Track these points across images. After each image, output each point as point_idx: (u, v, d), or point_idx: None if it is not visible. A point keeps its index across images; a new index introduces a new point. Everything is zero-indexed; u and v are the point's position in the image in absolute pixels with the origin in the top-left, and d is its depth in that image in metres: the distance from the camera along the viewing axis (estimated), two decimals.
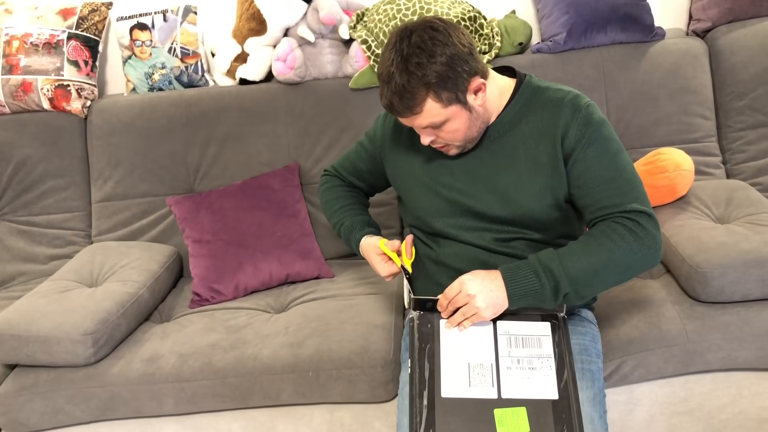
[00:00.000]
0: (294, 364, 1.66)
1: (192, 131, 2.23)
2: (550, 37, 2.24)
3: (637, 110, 2.17)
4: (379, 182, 1.69)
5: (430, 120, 1.32)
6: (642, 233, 1.29)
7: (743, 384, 1.68)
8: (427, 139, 1.38)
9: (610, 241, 1.29)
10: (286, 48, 2.19)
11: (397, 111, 1.33)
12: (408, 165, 1.51)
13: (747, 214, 1.82)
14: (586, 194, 1.35)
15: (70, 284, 1.91)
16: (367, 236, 1.59)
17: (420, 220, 1.52)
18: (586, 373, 1.39)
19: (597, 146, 1.34)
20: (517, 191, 1.39)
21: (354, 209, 1.67)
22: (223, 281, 2.00)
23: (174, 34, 2.29)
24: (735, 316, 1.63)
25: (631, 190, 1.33)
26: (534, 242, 1.43)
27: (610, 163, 1.34)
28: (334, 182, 1.74)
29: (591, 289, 1.32)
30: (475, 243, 1.45)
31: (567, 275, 1.29)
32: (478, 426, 1.22)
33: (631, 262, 1.30)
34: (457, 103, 1.31)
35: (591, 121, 1.35)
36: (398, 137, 1.54)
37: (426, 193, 1.48)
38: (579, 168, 1.35)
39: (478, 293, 1.30)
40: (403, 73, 1.27)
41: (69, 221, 2.27)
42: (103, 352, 1.73)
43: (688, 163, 1.94)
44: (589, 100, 1.38)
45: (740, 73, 2.17)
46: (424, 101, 1.29)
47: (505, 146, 1.41)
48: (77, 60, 2.28)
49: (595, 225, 1.34)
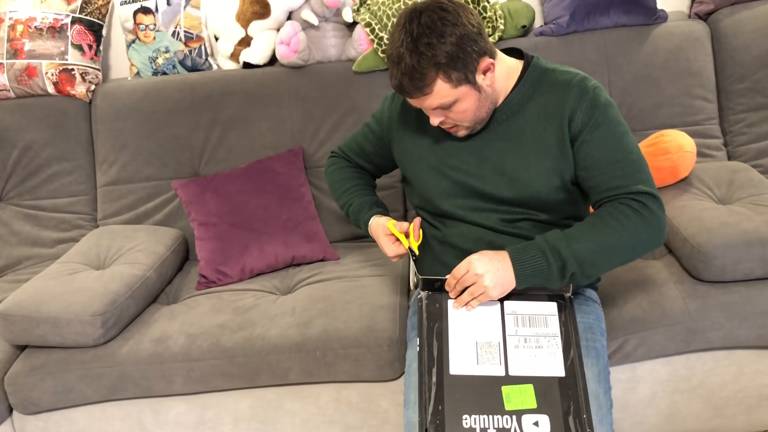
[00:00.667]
0: (301, 343, 1.68)
1: (196, 115, 2.24)
2: (553, 19, 2.25)
3: (640, 93, 2.19)
4: (386, 164, 1.70)
5: (440, 101, 1.33)
6: (647, 214, 1.30)
7: (744, 362, 1.70)
8: (436, 120, 1.39)
9: (617, 222, 1.30)
10: (290, 31, 2.20)
11: (407, 92, 1.33)
12: (415, 146, 1.53)
13: (748, 195, 1.84)
14: (593, 176, 1.36)
15: (78, 267, 1.93)
16: (375, 216, 1.60)
17: (427, 201, 1.53)
18: (591, 350, 1.41)
19: (604, 128, 1.35)
20: (525, 173, 1.41)
21: (362, 190, 1.68)
22: (229, 264, 2.01)
23: (178, 18, 2.30)
24: (736, 295, 1.65)
25: (636, 171, 1.34)
26: (540, 223, 1.45)
27: (616, 145, 1.35)
28: (342, 164, 1.75)
29: (597, 269, 1.34)
30: (482, 223, 1.47)
31: (574, 255, 1.31)
32: (486, 402, 1.24)
33: (636, 242, 1.32)
34: (467, 83, 1.32)
35: (598, 104, 1.36)
36: (406, 118, 1.55)
37: (433, 174, 1.49)
38: (586, 150, 1.36)
39: (486, 273, 1.32)
40: (413, 53, 1.27)
41: (75, 205, 2.29)
42: (112, 333, 1.75)
43: (690, 145, 1.95)
44: (596, 83, 1.39)
45: (742, 56, 2.18)
46: (434, 82, 1.30)
47: (513, 128, 1.43)
48: (81, 44, 2.28)
49: (601, 206, 1.36)
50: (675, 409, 1.75)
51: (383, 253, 1.57)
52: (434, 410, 1.24)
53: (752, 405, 1.76)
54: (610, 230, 1.31)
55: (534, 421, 1.21)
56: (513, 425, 1.21)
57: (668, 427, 1.79)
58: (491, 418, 1.22)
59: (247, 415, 1.77)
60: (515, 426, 1.21)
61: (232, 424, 1.78)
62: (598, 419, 1.30)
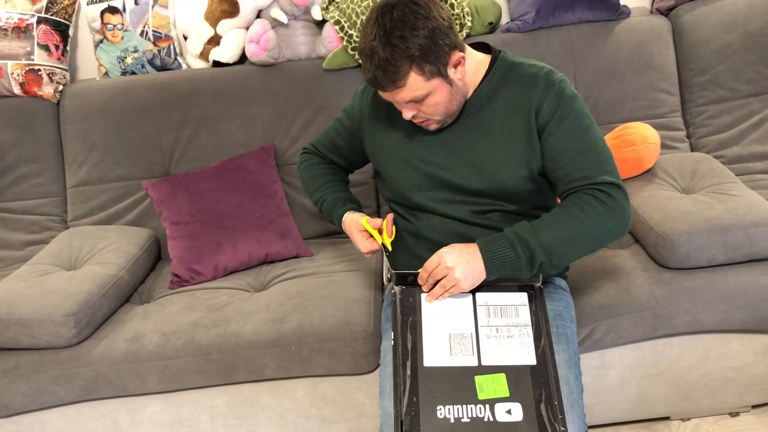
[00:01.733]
0: (276, 339, 1.69)
1: (166, 114, 2.23)
2: (519, 16, 2.29)
3: (605, 87, 2.23)
4: (357, 158, 1.71)
5: (413, 94, 1.35)
6: (612, 204, 1.34)
7: (709, 346, 1.75)
8: (408, 114, 1.41)
9: (582, 212, 1.34)
10: (259, 29, 2.20)
11: (381, 85, 1.34)
12: (386, 140, 1.54)
13: (711, 184, 1.89)
14: (559, 167, 1.39)
15: (49, 268, 1.91)
16: (349, 212, 1.62)
17: (398, 194, 1.55)
18: (561, 336, 1.44)
19: (569, 120, 1.39)
20: (494, 164, 1.43)
21: (335, 186, 1.70)
22: (202, 262, 2.01)
23: (146, 17, 2.29)
24: (701, 280, 1.70)
25: (601, 162, 1.38)
26: (509, 213, 1.48)
27: (582, 136, 1.39)
28: (314, 160, 1.76)
29: (565, 258, 1.37)
30: (453, 215, 1.49)
31: (541, 245, 1.34)
32: (459, 392, 1.26)
33: (602, 231, 1.35)
34: (439, 76, 1.34)
35: (563, 96, 1.39)
36: (376, 113, 1.57)
37: (404, 167, 1.51)
38: (552, 141, 1.39)
39: (457, 265, 1.35)
40: (386, 46, 1.29)
41: (44, 207, 2.26)
42: (85, 333, 1.74)
43: (654, 137, 2.00)
44: (561, 76, 1.43)
45: (702, 50, 2.24)
46: (407, 74, 1.32)
47: (482, 120, 1.45)
48: (48, 44, 2.26)
49: (567, 197, 1.39)
50: (644, 394, 1.80)
51: (356, 249, 1.59)
52: (409, 402, 1.25)
53: (717, 388, 1.81)
54: (577, 221, 1.34)
55: (507, 410, 1.24)
56: (486, 414, 1.23)
57: (638, 412, 1.84)
58: (465, 408, 1.24)
59: (224, 411, 1.77)
60: (488, 414, 1.23)
61: (208, 422, 1.78)
62: (569, 404, 1.33)
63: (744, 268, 1.71)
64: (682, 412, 1.87)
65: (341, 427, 1.79)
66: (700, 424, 1.89)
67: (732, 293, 1.68)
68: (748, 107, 2.23)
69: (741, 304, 1.68)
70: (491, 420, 1.22)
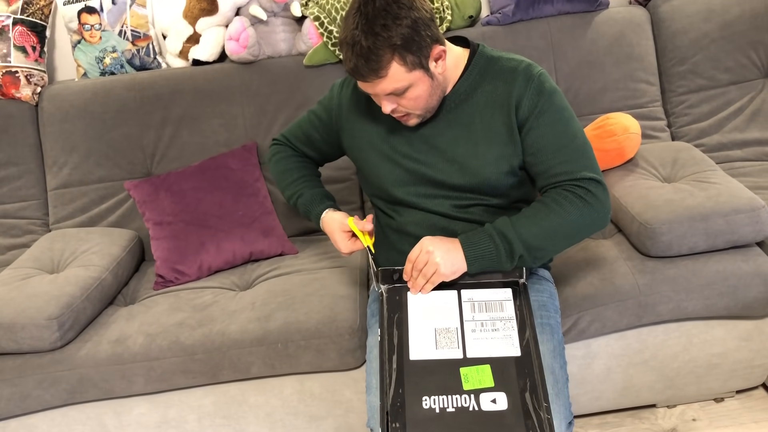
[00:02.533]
0: (262, 337, 1.69)
1: (147, 114, 2.22)
2: (499, 9, 2.29)
3: (585, 78, 2.24)
4: (332, 152, 1.70)
5: (394, 85, 1.34)
6: (591, 200, 1.36)
7: (693, 332, 1.77)
8: (388, 107, 1.40)
9: (561, 209, 1.35)
10: (239, 27, 2.19)
11: (362, 75, 1.33)
12: (366, 135, 1.54)
13: (692, 172, 1.91)
14: (540, 161, 1.40)
15: (31, 271, 1.89)
16: (328, 210, 1.61)
17: (380, 190, 1.55)
18: (546, 327, 1.45)
19: (549, 115, 1.39)
20: (475, 160, 1.44)
21: (310, 181, 1.69)
22: (186, 262, 2.00)
23: (123, 16, 2.27)
24: (683, 268, 1.71)
25: (581, 157, 1.39)
26: (491, 207, 1.49)
27: (562, 131, 1.39)
28: (287, 152, 1.73)
29: (544, 252, 1.40)
30: (435, 210, 1.49)
31: (520, 239, 1.36)
32: (445, 383, 1.27)
33: (580, 227, 1.38)
34: (421, 68, 1.34)
35: (543, 90, 1.40)
36: (356, 107, 1.56)
37: (385, 162, 1.51)
38: (532, 136, 1.40)
39: (436, 249, 1.37)
40: (368, 35, 1.28)
41: (25, 210, 2.24)
42: (69, 336, 1.73)
43: (635, 127, 2.01)
44: (541, 69, 1.43)
45: (681, 40, 2.26)
46: (389, 64, 1.31)
47: (462, 116, 1.45)
48: (24, 46, 2.24)
49: (546, 192, 1.40)
50: (630, 383, 1.81)
51: (336, 247, 1.58)
52: (395, 394, 1.26)
53: (702, 374, 1.82)
54: (555, 216, 1.36)
55: (492, 399, 1.24)
56: (471, 403, 1.24)
57: (624, 400, 1.85)
58: (450, 398, 1.25)
59: (211, 411, 1.76)
60: (473, 404, 1.24)
61: (196, 422, 1.77)
62: (554, 393, 1.34)
63: (725, 255, 1.72)
64: (668, 399, 1.89)
65: (329, 423, 1.79)
66: (686, 410, 1.91)
67: (714, 280, 1.69)
68: (727, 96, 2.24)
69: (723, 291, 1.69)
70: (476, 409, 1.23)
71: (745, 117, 2.22)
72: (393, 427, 1.22)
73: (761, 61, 2.24)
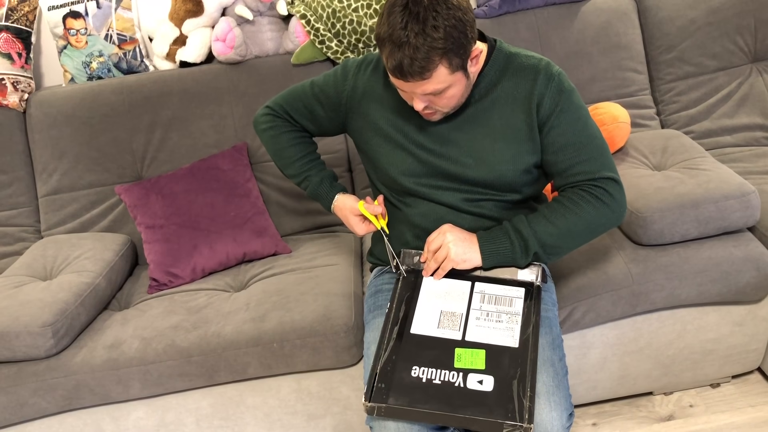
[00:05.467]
0: (258, 337, 1.68)
1: (135, 118, 2.21)
2: (486, 2, 2.28)
3: (573, 68, 2.24)
4: (333, 129, 1.64)
5: (435, 86, 1.31)
6: (608, 200, 1.39)
7: (686, 319, 1.77)
8: (420, 105, 1.37)
9: (578, 208, 1.39)
10: (225, 27, 2.18)
11: (407, 74, 1.28)
12: (379, 122, 1.51)
13: (682, 160, 1.91)
14: (559, 161, 1.42)
15: (24, 279, 1.89)
16: (340, 194, 1.63)
17: (388, 178, 1.54)
18: (544, 320, 1.45)
19: (569, 114, 1.40)
20: (492, 155, 1.44)
21: (314, 162, 1.67)
22: (179, 265, 2.00)
23: (109, 20, 2.26)
24: (675, 256, 1.72)
25: (599, 156, 1.41)
26: (502, 203, 1.50)
27: (581, 130, 1.41)
28: (282, 126, 1.67)
29: (559, 249, 1.44)
30: (444, 202, 1.50)
31: (535, 236, 1.40)
32: (437, 358, 1.32)
33: (596, 226, 1.42)
34: (462, 69, 1.32)
35: (563, 89, 1.41)
36: (371, 93, 1.52)
37: (397, 151, 1.50)
38: (553, 135, 1.41)
39: (452, 237, 1.42)
40: (419, 36, 1.24)
41: (16, 218, 2.23)
42: (63, 342, 1.72)
43: (624, 116, 2.02)
44: (559, 69, 1.43)
45: (668, 27, 2.26)
46: (437, 67, 1.27)
47: (480, 111, 1.45)
48: (10, 53, 2.23)
49: (564, 191, 1.43)
50: (626, 371, 1.82)
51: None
52: (387, 359, 1.32)
53: (697, 360, 1.83)
54: (572, 215, 1.39)
55: (479, 380, 1.28)
56: (458, 380, 1.28)
57: (621, 389, 1.86)
58: (439, 372, 1.29)
59: (209, 413, 1.76)
60: (460, 381, 1.28)
61: (194, 424, 1.77)
62: (555, 384, 1.34)
63: (716, 242, 1.73)
64: (664, 387, 1.90)
65: (328, 421, 1.79)
66: (683, 396, 1.91)
67: (706, 266, 1.70)
68: (715, 82, 2.25)
69: (715, 277, 1.70)
70: (461, 386, 1.27)
71: (734, 103, 2.23)
72: (378, 386, 1.28)
73: (748, 46, 2.25)
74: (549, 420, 1.29)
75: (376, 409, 1.26)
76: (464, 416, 1.22)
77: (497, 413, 1.22)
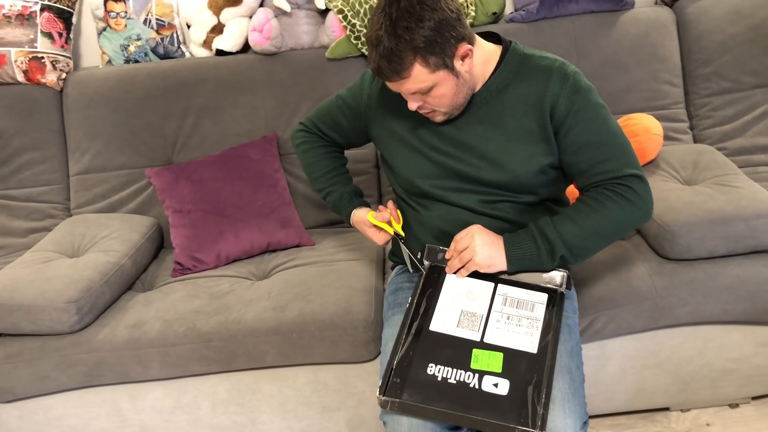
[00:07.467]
0: (277, 326, 1.70)
1: (169, 103, 2.24)
2: (523, 6, 2.28)
3: (608, 78, 2.23)
4: (359, 138, 1.69)
5: (417, 85, 1.34)
6: (633, 197, 1.37)
7: (709, 337, 1.75)
8: (414, 105, 1.40)
9: (604, 208, 1.37)
10: (262, 18, 2.20)
11: (385, 75, 1.34)
12: (395, 126, 1.53)
13: (713, 176, 1.89)
14: (580, 161, 1.41)
15: (52, 255, 1.92)
16: (357, 209, 1.65)
17: (405, 181, 1.55)
18: (564, 327, 1.44)
19: (587, 113, 1.39)
20: (505, 156, 1.44)
21: (339, 177, 1.72)
22: (204, 250, 2.02)
23: (149, 5, 2.29)
24: (701, 272, 1.70)
25: (622, 154, 1.40)
26: (519, 204, 1.49)
27: (600, 128, 1.39)
28: (314, 141, 1.73)
29: (586, 251, 1.43)
30: (461, 204, 1.50)
31: (561, 239, 1.39)
32: (454, 357, 1.32)
33: (623, 225, 1.40)
34: (445, 68, 1.33)
35: (579, 89, 1.39)
36: (386, 99, 1.55)
37: (412, 154, 1.51)
38: (571, 135, 1.40)
39: (479, 238, 1.42)
40: (391, 36, 1.28)
41: (47, 194, 2.27)
42: (87, 319, 1.75)
43: (657, 128, 2.00)
44: (575, 68, 1.42)
45: (706, 41, 2.23)
46: (411, 66, 1.31)
47: (491, 113, 1.45)
48: (51, 32, 2.26)
49: (588, 191, 1.42)
50: (644, 385, 1.80)
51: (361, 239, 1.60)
52: (404, 354, 1.33)
53: (717, 379, 1.81)
54: (598, 216, 1.38)
55: (494, 383, 1.28)
56: (473, 381, 1.28)
57: (637, 402, 1.84)
58: (455, 371, 1.30)
59: (225, 398, 1.78)
60: (475, 382, 1.28)
61: (209, 408, 1.79)
62: (571, 392, 1.33)
63: (745, 260, 1.71)
64: (682, 403, 1.88)
65: (342, 414, 1.80)
66: (700, 415, 1.89)
67: (733, 284, 1.68)
68: (752, 99, 2.22)
69: (742, 296, 1.68)
70: (476, 387, 1.27)
71: None
72: (393, 381, 1.28)
73: None
74: (563, 427, 1.28)
75: (390, 403, 1.27)
76: (476, 418, 1.23)
77: (510, 417, 1.22)
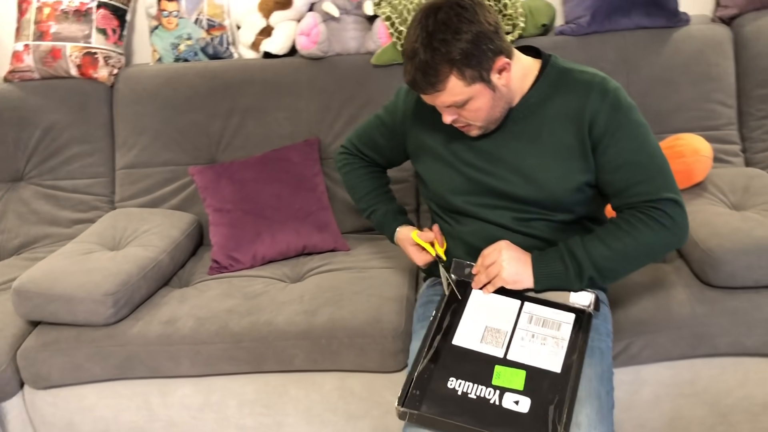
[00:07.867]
0: (307, 331, 1.70)
1: (215, 102, 2.27)
2: (574, 19, 2.24)
3: (658, 95, 2.17)
4: (398, 157, 1.70)
5: (452, 98, 1.32)
6: (668, 222, 1.33)
7: (750, 369, 1.69)
8: (449, 118, 1.39)
9: (636, 231, 1.34)
10: (311, 22, 2.21)
11: (420, 88, 1.33)
12: (429, 141, 1.53)
13: (763, 201, 1.82)
14: (616, 180, 1.37)
15: (93, 247, 1.96)
16: (401, 227, 1.65)
17: (439, 197, 1.54)
18: (595, 350, 1.41)
19: (626, 131, 1.35)
20: (541, 173, 1.41)
21: (382, 196, 1.73)
22: (241, 250, 2.04)
23: (201, 5, 2.32)
24: (746, 301, 1.64)
25: (659, 176, 1.36)
26: (554, 223, 1.46)
27: (639, 148, 1.36)
28: (355, 163, 1.75)
29: (615, 273, 1.39)
30: (494, 221, 1.47)
31: (590, 260, 1.36)
32: (476, 373, 1.30)
33: (655, 249, 1.36)
34: (481, 81, 1.31)
35: (620, 106, 1.36)
36: (420, 113, 1.55)
37: (446, 170, 1.50)
38: (609, 154, 1.36)
39: (507, 254, 1.39)
40: (427, 49, 1.27)
41: (93, 187, 2.32)
42: (122, 312, 1.78)
43: (706, 149, 1.94)
44: (616, 84, 1.39)
45: (765, 62, 2.16)
46: (447, 78, 1.29)
47: (529, 128, 1.42)
48: (105, 28, 2.32)
49: (622, 212, 1.38)
50: (678, 414, 1.75)
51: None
52: (425, 367, 1.32)
53: (757, 413, 1.74)
54: (630, 239, 1.34)
55: (515, 400, 1.26)
56: (494, 397, 1.26)
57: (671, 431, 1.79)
58: (475, 387, 1.28)
59: (252, 399, 1.79)
60: (496, 398, 1.26)
61: (236, 408, 1.80)
62: (598, 419, 1.30)
63: None
64: None
65: (367, 423, 1.79)
66: None
67: None
68: None
69: None
70: (496, 404, 1.25)
71: None
72: (413, 393, 1.27)
73: None
74: None
75: (408, 414, 1.26)
76: None
77: None
